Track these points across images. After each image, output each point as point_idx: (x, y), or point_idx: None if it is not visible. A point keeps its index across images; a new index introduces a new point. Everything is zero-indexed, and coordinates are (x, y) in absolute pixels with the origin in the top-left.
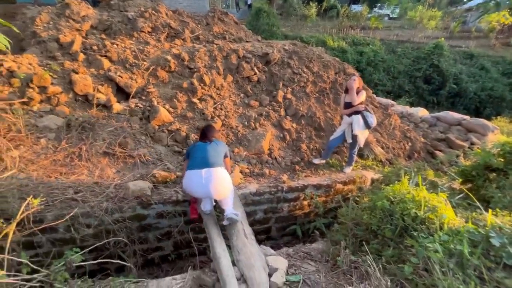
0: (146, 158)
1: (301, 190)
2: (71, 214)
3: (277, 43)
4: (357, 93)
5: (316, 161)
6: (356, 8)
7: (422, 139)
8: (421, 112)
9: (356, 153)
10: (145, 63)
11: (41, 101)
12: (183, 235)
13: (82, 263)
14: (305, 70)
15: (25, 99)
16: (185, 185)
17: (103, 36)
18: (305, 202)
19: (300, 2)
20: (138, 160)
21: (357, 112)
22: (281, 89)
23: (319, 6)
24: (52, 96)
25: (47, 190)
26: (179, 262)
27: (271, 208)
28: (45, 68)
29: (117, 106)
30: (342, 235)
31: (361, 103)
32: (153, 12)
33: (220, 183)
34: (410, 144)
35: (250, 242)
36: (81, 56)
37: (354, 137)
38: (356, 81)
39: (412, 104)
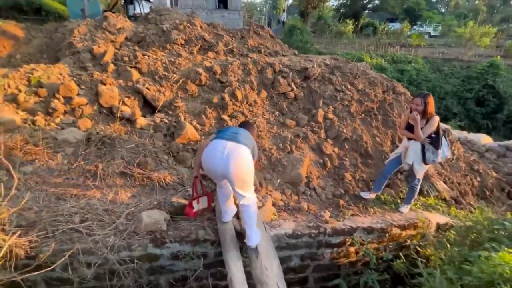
0: (167, 182)
1: (348, 234)
2: (70, 251)
3: (316, 57)
4: (427, 120)
5: (365, 195)
6: (394, 25)
7: (494, 173)
8: (484, 139)
9: (418, 187)
10: (175, 75)
11: (65, 113)
12: (201, 281)
13: None
14: (349, 87)
15: (49, 110)
16: (204, 157)
17: (136, 48)
18: (352, 249)
19: (335, 20)
20: (157, 183)
21: None
22: (321, 108)
23: (356, 24)
24: (76, 107)
25: (50, 216)
26: None
27: (309, 254)
28: (75, 79)
29: (141, 121)
30: None
31: (429, 136)
32: (188, 24)
33: (243, 162)
34: (479, 179)
35: None
36: (111, 67)
37: (412, 166)
38: (430, 103)
39: (463, 129)
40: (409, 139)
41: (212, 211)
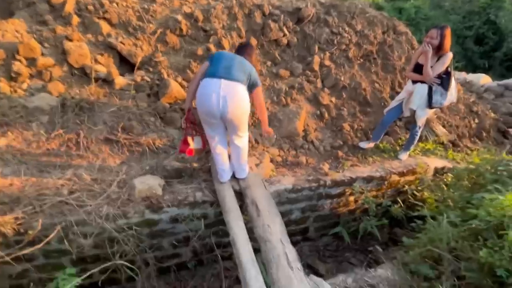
0: (156, 145)
1: (347, 184)
2: (62, 224)
3: None
4: (439, 57)
5: (364, 144)
6: None
7: (492, 114)
8: (483, 79)
9: (418, 134)
10: (151, 25)
11: (31, 77)
12: (204, 240)
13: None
14: (346, 28)
15: (11, 74)
16: (198, 98)
17: None
18: (351, 198)
19: None
20: (147, 147)
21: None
22: (317, 54)
23: None
24: (43, 70)
25: (35, 190)
26: (199, 269)
27: (309, 206)
28: (35, 36)
29: (120, 81)
30: (429, 266)
31: (438, 76)
32: None
33: (240, 102)
34: (477, 120)
35: (296, 276)
36: (75, 19)
37: (414, 113)
38: (447, 37)
39: (460, 70)
40: (414, 82)
41: (206, 151)
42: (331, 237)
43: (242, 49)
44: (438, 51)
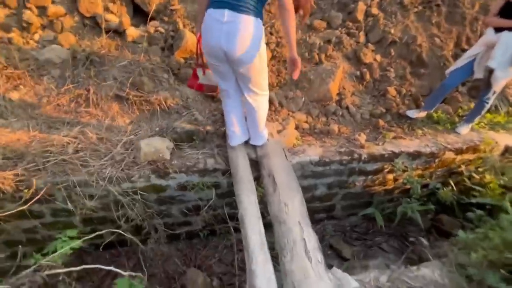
0: (168, 104)
1: (388, 160)
2: (61, 185)
3: None
4: None
5: (413, 113)
6: None
7: None
8: None
9: (490, 103)
10: None
11: (44, 27)
12: (216, 210)
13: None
14: None
15: (23, 24)
16: (202, 31)
17: None
18: (390, 176)
19: None
20: (158, 106)
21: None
22: (362, 0)
23: None
24: (55, 19)
25: (41, 147)
26: (212, 239)
27: (338, 182)
28: None
29: (132, 32)
30: (500, 277)
31: None
32: None
33: (248, 39)
34: None
35: (315, 270)
36: None
37: (490, 74)
38: None
39: None
40: (498, 30)
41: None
42: (361, 218)
43: None
44: None
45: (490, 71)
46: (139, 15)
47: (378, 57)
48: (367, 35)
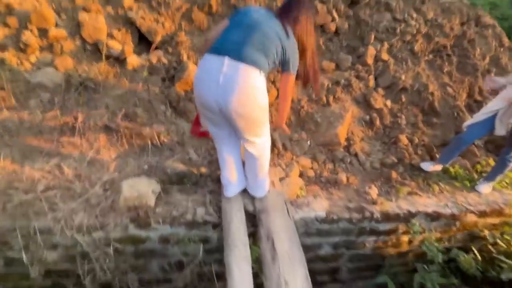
0: (162, 140)
1: (403, 220)
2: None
3: None
4: None
5: (427, 166)
6: None
7: None
8: None
9: None
10: (177, 1)
11: (42, 49)
12: (203, 268)
13: None
14: (414, 15)
15: (20, 45)
16: (195, 79)
17: None
18: (405, 238)
19: None
20: (150, 141)
21: None
22: (372, 45)
23: None
24: (55, 42)
25: (8, 181)
26: None
27: (345, 242)
28: (53, 5)
29: (133, 60)
30: None
31: None
32: None
33: (248, 94)
34: None
35: None
36: None
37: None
38: None
39: None
40: None
41: None
42: (368, 282)
43: (286, 8)
44: None
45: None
46: (144, 43)
47: (389, 103)
48: (376, 79)
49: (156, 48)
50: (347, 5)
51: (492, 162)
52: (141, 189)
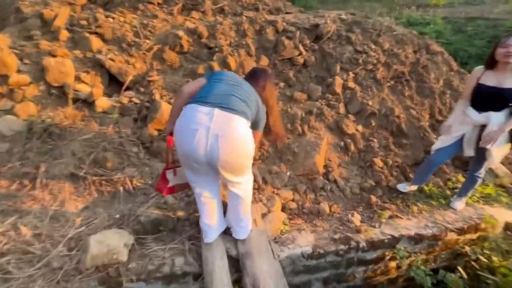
0: (134, 184)
1: (388, 246)
2: None
3: (329, 12)
4: None
5: (404, 187)
6: None
7: None
8: None
9: (481, 177)
10: (148, 41)
11: (2, 96)
12: None
13: None
14: (372, 47)
15: None
16: (176, 131)
17: (101, 10)
18: (393, 264)
19: None
20: (121, 187)
21: (501, 107)
22: (338, 75)
23: None
24: (16, 88)
25: None
26: None
27: (335, 275)
28: (16, 51)
29: (103, 102)
30: None
31: None
32: None
33: (239, 144)
34: None
35: None
36: (64, 34)
37: (483, 152)
38: None
39: None
40: (481, 110)
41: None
42: None
43: (255, 77)
44: None
45: (483, 151)
46: (115, 84)
47: (360, 128)
48: (346, 106)
49: (128, 88)
50: (312, 40)
51: (461, 178)
52: (111, 243)
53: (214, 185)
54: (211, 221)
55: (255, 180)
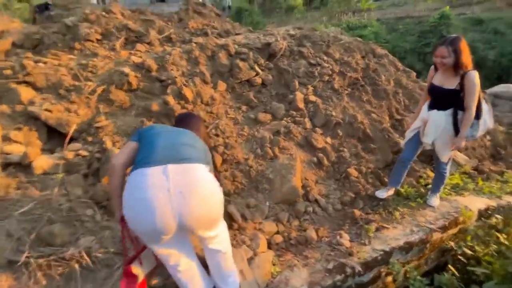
0: (94, 256)
1: (383, 263)
2: None
3: (277, 30)
4: (462, 76)
5: (382, 193)
6: None
7: (500, 128)
8: None
9: (447, 171)
10: (90, 83)
11: None
12: None
13: None
14: (324, 58)
15: None
16: (127, 206)
17: (30, 55)
18: (389, 278)
19: None
20: (77, 264)
21: (445, 106)
22: (298, 90)
23: None
24: None
25: None
26: None
27: None
28: None
29: (42, 162)
30: None
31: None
32: (103, 13)
33: (208, 194)
34: (488, 137)
35: None
36: None
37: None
38: (463, 50)
39: None
40: (429, 108)
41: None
42: None
43: (186, 122)
44: (456, 71)
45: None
46: (56, 138)
47: (329, 140)
48: (312, 120)
49: (72, 140)
50: (266, 58)
51: (430, 172)
52: None
53: (188, 246)
54: (197, 286)
55: (234, 220)
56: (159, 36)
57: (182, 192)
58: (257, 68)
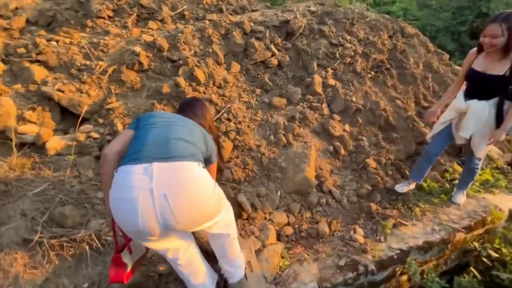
0: (103, 239)
1: (398, 262)
2: None
3: (297, 5)
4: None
5: (402, 188)
6: None
7: None
8: None
9: (479, 168)
10: (101, 63)
11: None
12: None
13: None
14: (347, 37)
15: None
16: (113, 204)
17: (43, 32)
18: (404, 277)
19: None
20: (87, 246)
21: (488, 95)
22: (317, 73)
23: None
24: None
25: None
26: None
27: None
28: None
29: (55, 143)
30: None
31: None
32: None
33: (196, 196)
34: None
35: None
36: (0, 67)
37: (469, 141)
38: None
39: None
40: (467, 97)
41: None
42: None
43: (189, 108)
44: (507, 52)
45: (469, 139)
46: (69, 118)
47: (347, 127)
48: (329, 106)
49: (84, 121)
50: (284, 38)
51: (457, 166)
52: None
53: (186, 237)
54: (203, 278)
55: (243, 209)
56: (171, 13)
57: (166, 194)
58: (273, 48)
